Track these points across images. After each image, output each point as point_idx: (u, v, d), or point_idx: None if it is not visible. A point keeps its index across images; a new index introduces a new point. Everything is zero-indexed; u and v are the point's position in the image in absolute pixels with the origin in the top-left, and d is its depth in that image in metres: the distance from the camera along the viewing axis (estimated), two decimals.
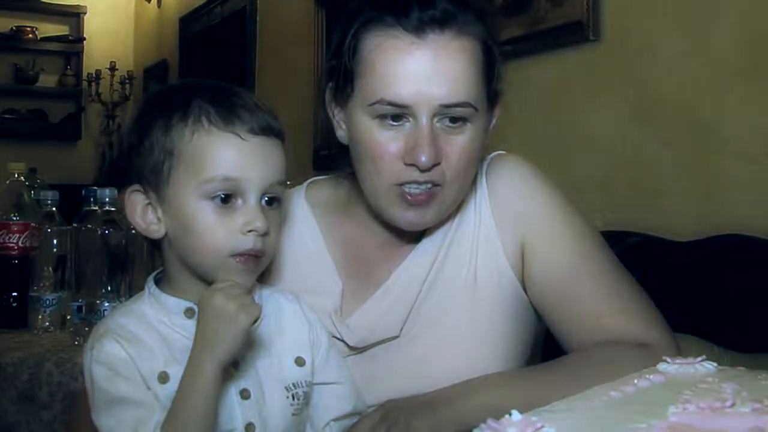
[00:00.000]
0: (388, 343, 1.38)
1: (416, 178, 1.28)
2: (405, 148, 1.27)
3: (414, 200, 1.31)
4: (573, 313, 1.37)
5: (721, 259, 2.18)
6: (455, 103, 1.26)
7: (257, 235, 1.14)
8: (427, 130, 1.26)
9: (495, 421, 0.66)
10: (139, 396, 1.10)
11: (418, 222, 1.35)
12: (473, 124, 1.29)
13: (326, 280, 1.43)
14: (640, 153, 2.48)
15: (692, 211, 2.34)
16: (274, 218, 1.18)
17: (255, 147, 1.15)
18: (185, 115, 1.15)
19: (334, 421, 1.27)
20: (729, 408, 0.73)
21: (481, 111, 1.30)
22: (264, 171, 1.15)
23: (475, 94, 1.28)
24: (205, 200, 1.14)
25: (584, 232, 1.42)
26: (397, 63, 1.26)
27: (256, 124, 1.15)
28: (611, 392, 0.82)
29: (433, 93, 1.25)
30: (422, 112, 1.26)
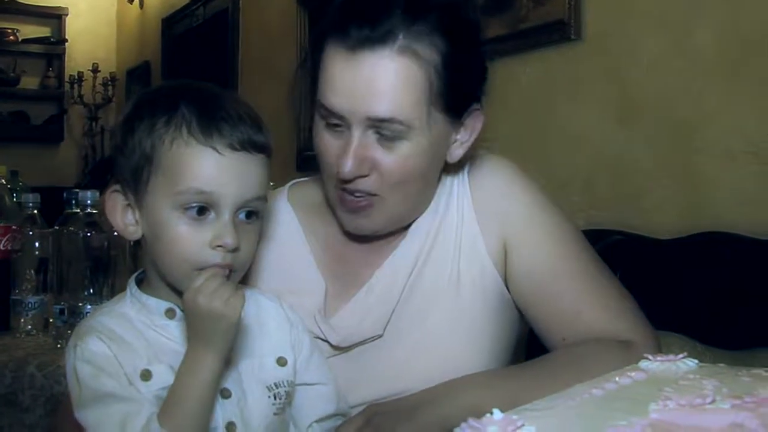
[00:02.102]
0: (372, 342, 1.38)
1: (345, 186, 1.31)
2: (338, 154, 1.30)
3: (348, 206, 1.34)
4: (555, 311, 1.37)
5: (702, 257, 2.19)
6: (383, 118, 1.26)
7: (226, 251, 1.13)
8: (355, 142, 1.28)
9: (476, 420, 0.67)
10: (125, 392, 1.10)
11: (362, 227, 1.38)
12: (410, 141, 1.29)
13: (309, 281, 1.43)
14: (621, 152, 2.49)
15: (674, 209, 2.35)
16: (250, 233, 1.18)
17: (232, 162, 1.14)
18: (168, 122, 1.14)
19: (317, 422, 1.28)
20: (709, 404, 0.73)
21: (421, 129, 1.29)
22: (239, 187, 1.15)
23: (408, 113, 1.27)
24: (178, 211, 1.13)
25: (566, 231, 1.43)
26: (334, 75, 1.28)
27: (236, 138, 1.14)
28: (593, 390, 0.83)
29: (362, 107, 1.26)
30: (353, 124, 1.28)
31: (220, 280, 1.10)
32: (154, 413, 1.07)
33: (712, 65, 2.27)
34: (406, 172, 1.31)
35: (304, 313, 1.36)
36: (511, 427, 0.65)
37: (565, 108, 2.70)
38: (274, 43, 4.66)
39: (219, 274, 1.11)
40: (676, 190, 2.35)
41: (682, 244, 2.25)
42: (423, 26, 1.27)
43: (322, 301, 1.41)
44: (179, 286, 1.16)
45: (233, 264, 1.15)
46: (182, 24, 6.07)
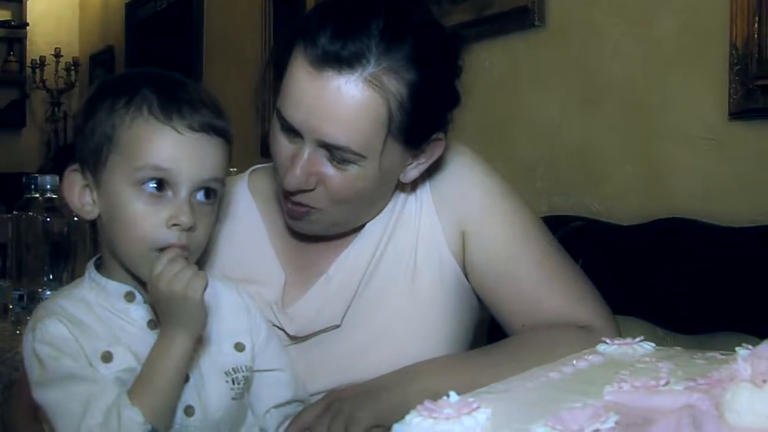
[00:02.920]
0: (330, 332, 1.38)
1: (289, 196, 1.31)
2: (287, 162, 1.28)
3: (289, 212, 1.34)
4: (514, 298, 1.38)
5: (664, 243, 2.20)
6: (335, 145, 1.24)
7: (181, 230, 1.14)
8: (305, 156, 1.26)
9: (431, 403, 0.67)
10: (87, 373, 1.11)
11: (304, 230, 1.38)
12: (361, 167, 1.26)
13: (268, 270, 1.42)
14: (584, 138, 2.50)
15: (636, 195, 2.37)
16: (206, 214, 1.19)
17: (191, 143, 1.15)
18: (129, 103, 1.15)
19: (274, 408, 1.29)
20: (663, 386, 0.74)
21: (374, 157, 1.26)
22: (197, 167, 1.16)
23: (363, 144, 1.24)
24: (135, 188, 1.14)
25: (524, 218, 1.43)
26: (296, 88, 1.25)
27: (196, 120, 1.15)
28: (550, 373, 0.83)
29: (316, 127, 1.24)
30: (307, 139, 1.26)
31: (181, 263, 1.11)
32: (122, 393, 1.08)
33: (673, 52, 2.28)
34: (352, 192, 1.29)
35: (263, 302, 1.36)
36: (466, 409, 0.65)
37: (528, 94, 2.70)
38: (240, 28, 4.63)
39: (179, 257, 1.12)
40: (638, 177, 2.36)
41: (643, 230, 2.27)
42: (397, 55, 1.23)
43: (280, 291, 1.40)
44: (134, 268, 1.17)
45: (188, 244, 1.15)
46: (146, 8, 6.00)
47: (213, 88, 1.24)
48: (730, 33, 2.13)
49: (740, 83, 2.11)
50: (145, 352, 1.12)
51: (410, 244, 1.40)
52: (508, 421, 0.64)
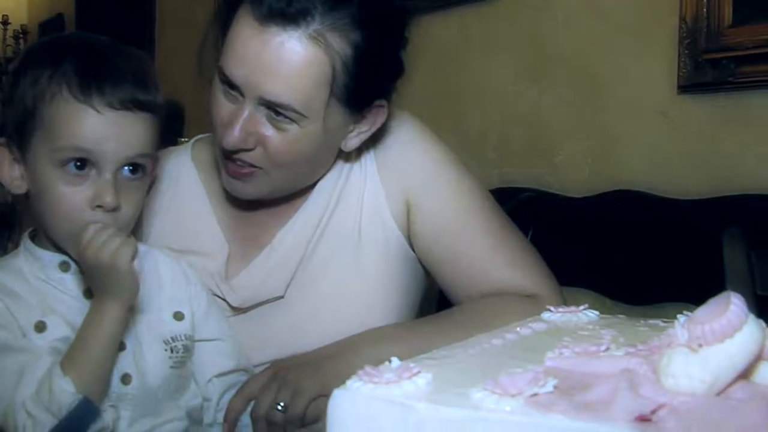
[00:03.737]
0: (273, 303, 1.37)
1: (228, 156, 1.29)
2: (227, 120, 1.27)
3: (230, 171, 1.32)
4: (460, 268, 1.38)
5: (613, 215, 2.22)
6: (277, 102, 1.23)
7: (105, 211, 1.13)
8: (245, 115, 1.25)
9: (372, 368, 0.67)
10: (19, 343, 1.10)
11: (243, 193, 1.36)
12: (302, 128, 1.26)
13: (211, 242, 1.41)
14: (535, 110, 2.50)
15: (586, 167, 2.38)
16: (134, 189, 1.18)
17: (111, 121, 1.13)
18: (50, 78, 1.13)
19: (216, 377, 1.28)
20: (603, 352, 0.74)
21: (316, 118, 1.26)
22: (120, 146, 1.14)
23: (305, 102, 1.24)
24: (57, 168, 1.13)
25: (470, 188, 1.43)
26: (240, 44, 1.24)
27: (116, 98, 1.13)
28: (493, 340, 0.83)
29: (259, 86, 1.23)
30: (247, 96, 1.25)
31: (110, 231, 1.10)
32: (55, 362, 1.07)
33: (624, 24, 2.29)
34: (292, 154, 1.28)
35: (206, 273, 1.35)
36: (406, 374, 0.65)
37: (479, 65, 2.70)
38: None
39: (108, 226, 1.10)
40: (588, 149, 2.38)
41: (593, 202, 2.29)
42: (342, 13, 1.23)
43: (223, 262, 1.39)
44: (62, 244, 1.16)
45: (114, 225, 1.13)
46: None
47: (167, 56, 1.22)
48: (680, 7, 2.14)
49: (689, 57, 2.13)
50: (81, 321, 1.11)
51: (354, 215, 1.39)
52: (448, 386, 0.64)
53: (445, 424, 0.61)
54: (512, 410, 0.59)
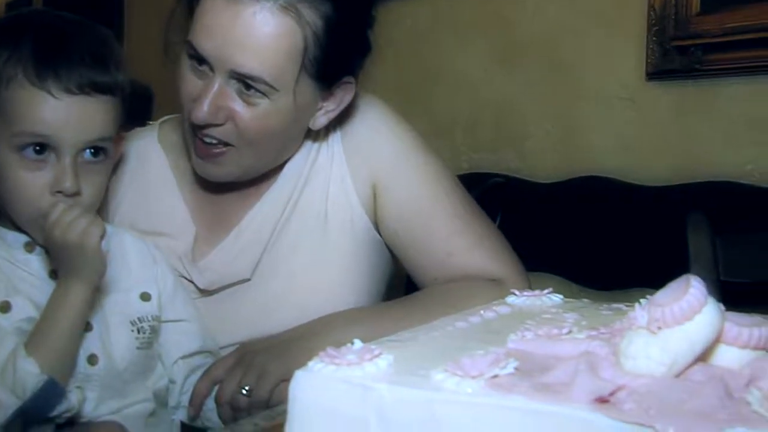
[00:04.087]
0: (240, 285, 1.37)
1: (199, 131, 1.28)
2: (196, 96, 1.26)
3: (200, 151, 1.31)
4: (426, 252, 1.38)
5: (581, 201, 2.24)
6: (249, 75, 1.23)
7: (66, 196, 1.12)
8: (214, 89, 1.24)
9: (334, 350, 0.67)
10: None
11: (212, 174, 1.35)
12: (273, 102, 1.26)
13: (178, 223, 1.40)
14: (505, 95, 2.50)
15: (555, 153, 2.39)
16: (95, 173, 1.17)
17: (69, 106, 1.11)
18: (7, 60, 1.11)
19: (182, 359, 1.28)
20: (565, 335, 0.75)
21: (287, 92, 1.26)
22: (79, 130, 1.12)
23: (276, 74, 1.24)
24: (16, 153, 1.11)
25: (436, 172, 1.43)
26: (210, 16, 1.23)
27: (74, 82, 1.11)
28: (456, 322, 0.84)
29: (230, 58, 1.22)
30: (217, 70, 1.24)
31: (77, 211, 1.09)
32: (19, 343, 1.06)
33: (594, 11, 2.29)
34: (262, 129, 1.28)
35: (172, 255, 1.35)
36: (368, 356, 0.65)
37: (450, 51, 2.69)
38: None
39: (75, 206, 1.10)
40: (556, 135, 2.38)
41: (561, 188, 2.30)
42: None
43: (190, 244, 1.39)
44: (25, 228, 1.16)
45: None
46: None
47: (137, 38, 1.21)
48: None
49: (658, 44, 2.14)
50: (46, 302, 1.10)
51: (321, 198, 1.39)
52: (410, 367, 0.65)
53: (406, 405, 0.61)
54: (473, 392, 0.59)
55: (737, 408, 0.55)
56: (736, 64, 2.08)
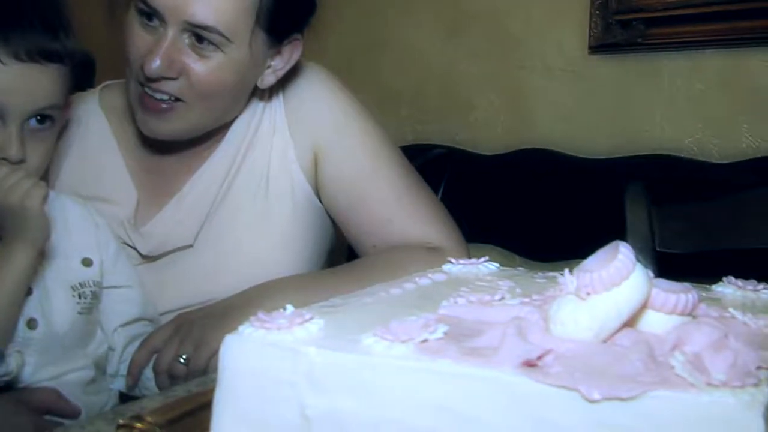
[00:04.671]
0: (182, 251, 1.37)
1: (150, 85, 1.27)
2: (147, 51, 1.25)
3: (148, 106, 1.30)
4: (365, 219, 1.39)
5: (522, 173, 2.25)
6: (203, 25, 1.23)
7: (11, 164, 1.10)
8: (167, 42, 1.24)
9: (265, 314, 0.66)
10: None
11: (159, 131, 1.34)
12: (226, 54, 1.26)
13: (120, 189, 1.39)
14: (450, 66, 2.51)
15: (499, 125, 2.40)
16: (42, 140, 1.15)
17: (18, 73, 1.09)
18: None
19: (122, 326, 1.27)
20: (497, 301, 0.75)
21: (240, 44, 1.26)
22: (26, 98, 1.11)
23: (231, 24, 1.24)
24: None
25: (377, 140, 1.44)
26: None
27: (23, 48, 1.09)
28: (391, 289, 0.84)
29: (183, 9, 1.22)
30: (169, 22, 1.23)
31: (20, 174, 1.08)
32: None
33: None
34: (214, 83, 1.28)
35: (114, 220, 1.34)
36: (299, 320, 0.65)
37: (396, 21, 2.68)
38: None
39: (18, 169, 1.08)
40: (501, 107, 2.39)
41: (504, 160, 2.31)
42: None
43: (132, 210, 1.38)
44: None
45: None
46: None
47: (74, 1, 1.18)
48: None
49: (600, 17, 2.16)
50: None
51: (263, 164, 1.39)
52: (340, 332, 0.64)
53: (335, 369, 0.61)
54: (401, 356, 0.59)
55: (661, 371, 0.56)
56: (678, 39, 2.10)
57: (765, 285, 0.89)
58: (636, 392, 0.53)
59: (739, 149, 2.07)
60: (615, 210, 1.70)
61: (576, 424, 0.55)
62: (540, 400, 0.55)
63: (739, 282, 0.89)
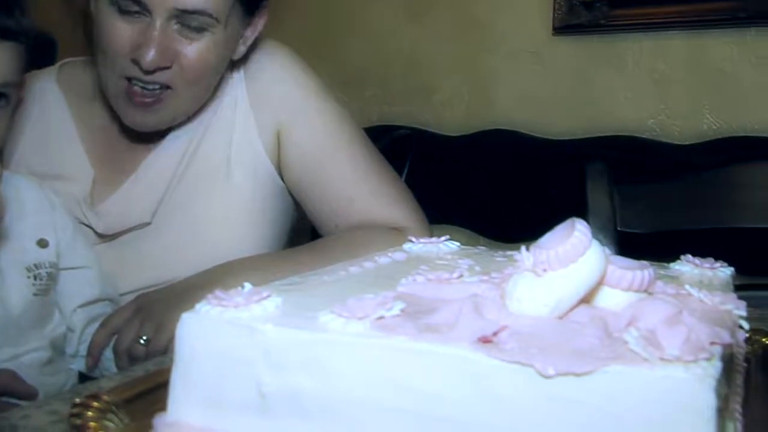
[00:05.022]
0: (140, 230, 1.35)
1: (141, 76, 1.26)
2: (135, 43, 1.23)
3: (138, 101, 1.29)
4: (327, 198, 1.39)
5: (486, 154, 2.26)
6: (192, 9, 1.22)
7: None
8: (159, 32, 1.23)
9: (223, 292, 0.66)
10: None
11: (142, 123, 1.33)
12: (213, 35, 1.26)
13: (76, 167, 1.38)
14: (415, 48, 2.51)
15: (463, 106, 2.41)
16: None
17: None
18: None
19: (80, 307, 1.25)
20: (455, 279, 0.75)
21: (224, 23, 1.26)
22: None
23: (218, 5, 1.24)
24: None
25: (340, 120, 1.43)
26: None
27: None
28: (350, 268, 0.83)
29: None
30: (157, 12, 1.22)
31: None
32: None
33: None
34: (204, 65, 1.28)
35: (70, 199, 1.32)
36: (256, 298, 0.64)
37: (361, 2, 2.68)
38: None
39: None
40: (465, 88, 2.40)
41: (467, 141, 2.32)
42: None
43: (88, 188, 1.36)
44: None
45: None
46: None
47: None
48: None
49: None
50: None
51: (224, 144, 1.38)
52: (297, 310, 0.64)
53: (292, 346, 0.60)
54: (357, 333, 0.59)
55: (616, 347, 0.56)
56: (642, 20, 2.11)
57: (722, 263, 0.90)
58: (590, 367, 0.54)
59: (700, 131, 2.09)
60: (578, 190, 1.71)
61: (531, 400, 0.55)
62: (495, 375, 0.55)
63: (697, 260, 0.90)
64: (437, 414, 0.57)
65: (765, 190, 1.60)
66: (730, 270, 0.88)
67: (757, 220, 1.59)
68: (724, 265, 0.89)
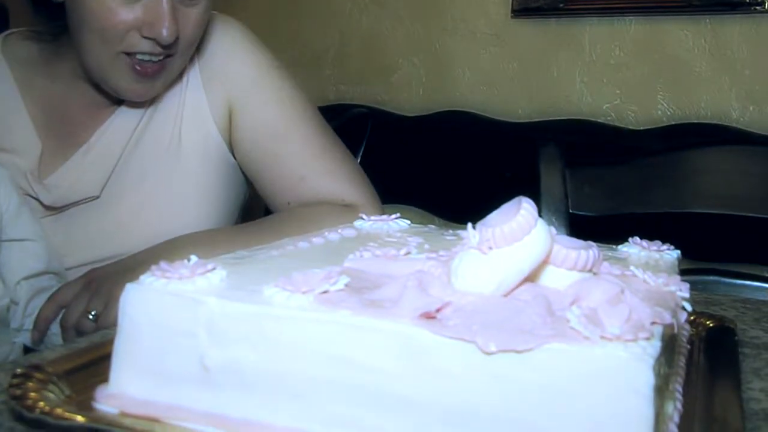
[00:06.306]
0: (88, 203, 1.34)
1: (152, 49, 1.25)
2: (144, 20, 1.22)
3: (144, 71, 1.27)
4: (279, 175, 1.38)
5: (442, 134, 2.26)
6: None
7: None
8: (169, 6, 1.22)
9: (168, 264, 0.65)
10: None
11: (145, 93, 1.32)
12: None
13: (23, 139, 1.35)
14: (373, 27, 2.50)
15: (421, 86, 2.41)
16: None
17: None
18: None
19: (24, 279, 1.23)
20: (402, 256, 0.75)
21: None
22: None
23: None
24: None
25: (292, 96, 1.42)
26: None
27: None
28: (299, 243, 0.83)
29: None
30: None
31: None
32: None
33: None
34: (201, 29, 1.30)
35: (16, 171, 1.30)
36: (201, 270, 0.64)
37: None
38: None
39: None
40: (423, 68, 2.40)
41: (425, 121, 2.32)
42: None
43: (36, 161, 1.34)
44: None
45: None
46: None
47: None
48: None
49: None
50: None
51: (175, 119, 1.37)
52: (242, 283, 0.64)
53: (235, 319, 0.60)
54: (300, 306, 0.59)
55: (558, 325, 0.57)
56: (599, 5, 2.12)
57: (669, 246, 0.91)
58: (531, 345, 0.54)
59: (654, 116, 2.11)
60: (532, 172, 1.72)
61: (473, 376, 0.55)
62: (437, 351, 0.56)
63: (644, 243, 0.91)
64: (379, 388, 0.57)
65: (715, 177, 1.62)
66: (676, 253, 0.89)
67: (708, 206, 1.61)
68: (671, 249, 0.90)
